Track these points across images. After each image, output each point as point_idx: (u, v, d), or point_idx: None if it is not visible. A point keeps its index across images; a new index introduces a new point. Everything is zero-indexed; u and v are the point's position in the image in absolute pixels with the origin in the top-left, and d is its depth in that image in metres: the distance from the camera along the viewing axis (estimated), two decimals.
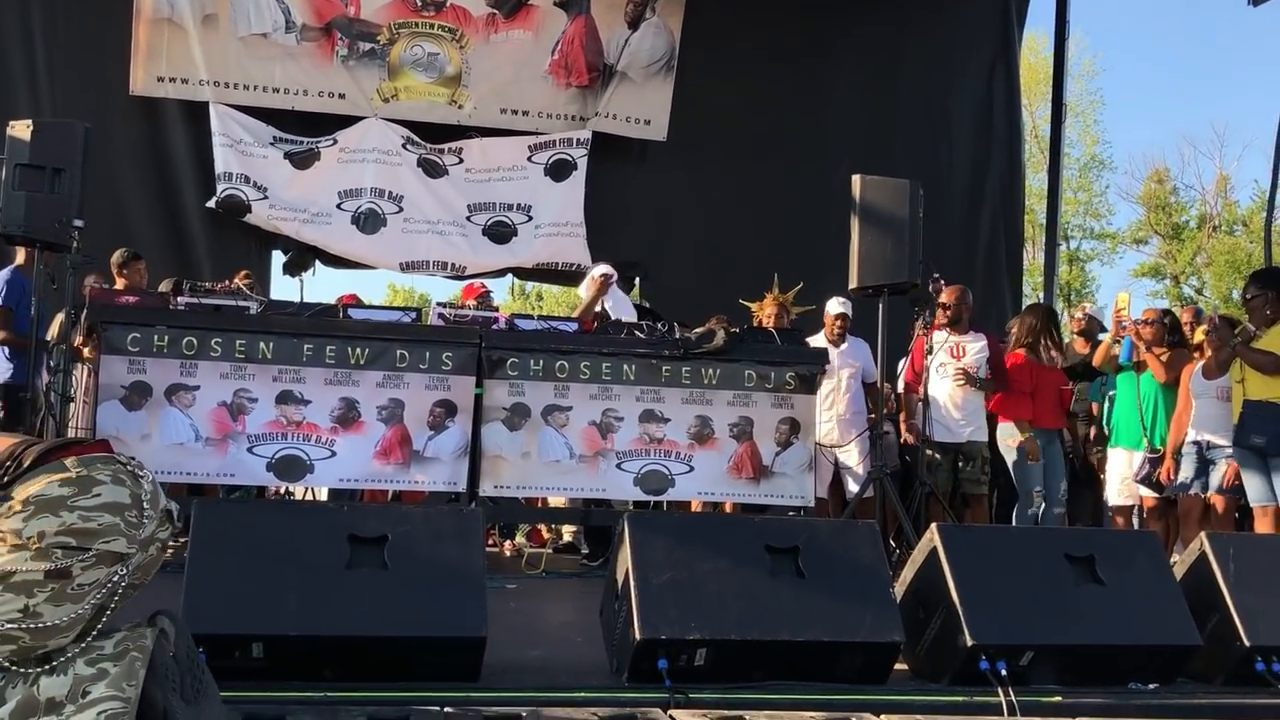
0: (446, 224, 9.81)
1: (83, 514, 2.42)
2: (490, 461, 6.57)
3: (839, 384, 7.67)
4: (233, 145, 9.38)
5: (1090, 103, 29.78)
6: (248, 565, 3.45)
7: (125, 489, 2.49)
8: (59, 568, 2.39)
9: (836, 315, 7.82)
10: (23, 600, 2.37)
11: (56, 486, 2.43)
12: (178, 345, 6.20)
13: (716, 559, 3.77)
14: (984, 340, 7.49)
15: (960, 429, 7.33)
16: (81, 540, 2.40)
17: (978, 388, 7.35)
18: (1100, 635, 3.88)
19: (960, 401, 7.33)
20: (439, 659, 3.47)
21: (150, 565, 2.59)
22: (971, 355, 7.40)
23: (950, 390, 7.33)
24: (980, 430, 7.38)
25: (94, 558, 2.43)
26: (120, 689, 2.38)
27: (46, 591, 2.39)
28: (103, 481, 2.48)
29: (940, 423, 7.31)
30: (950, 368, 7.34)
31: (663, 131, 10.17)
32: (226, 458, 6.27)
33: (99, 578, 2.45)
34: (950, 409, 7.34)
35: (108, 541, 2.45)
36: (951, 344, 7.41)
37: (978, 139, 11.13)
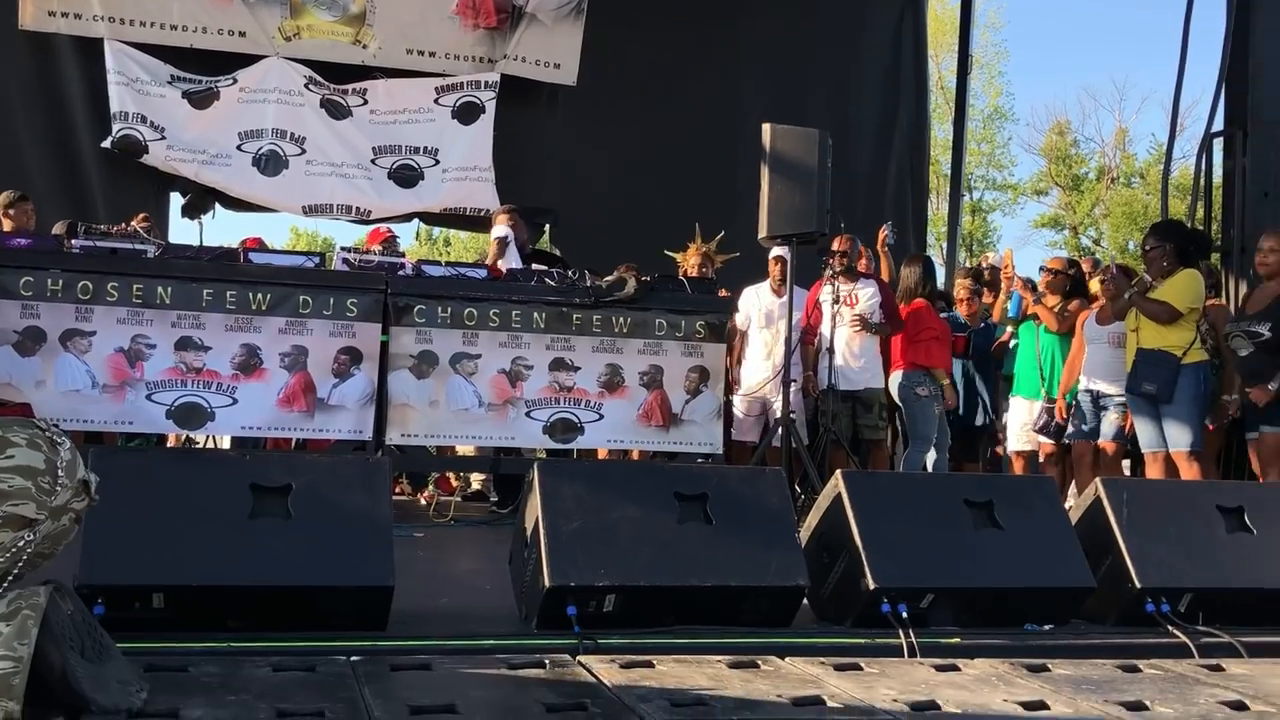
0: (350, 167, 9.61)
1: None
2: (397, 410, 6.50)
3: (778, 334, 7.68)
4: (129, 84, 9.06)
5: (995, 54, 30.14)
6: (148, 515, 3.38)
7: (41, 454, 2.44)
8: None
9: (775, 257, 7.77)
10: None
11: None
12: (73, 289, 6.03)
13: (626, 506, 3.78)
14: (874, 286, 7.59)
15: (858, 376, 7.42)
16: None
17: (874, 332, 7.45)
18: (998, 578, 3.98)
19: (857, 349, 7.42)
20: (345, 608, 3.44)
21: (60, 536, 2.54)
22: (864, 301, 7.49)
23: (847, 338, 7.40)
24: (877, 377, 7.49)
25: (0, 519, 2.37)
26: (11, 648, 2.34)
27: None
28: (17, 444, 2.43)
29: (838, 371, 7.38)
30: (845, 315, 7.41)
31: (573, 76, 10.05)
32: (124, 405, 6.12)
33: (4, 540, 2.40)
34: (848, 357, 7.42)
35: (16, 505, 2.40)
36: (845, 293, 7.48)
37: (885, 90, 11.21)
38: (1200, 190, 8.71)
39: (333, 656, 3.09)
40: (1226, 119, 8.45)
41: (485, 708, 2.66)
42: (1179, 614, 4.00)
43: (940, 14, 23.69)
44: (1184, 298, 6.54)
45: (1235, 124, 8.33)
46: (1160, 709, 2.93)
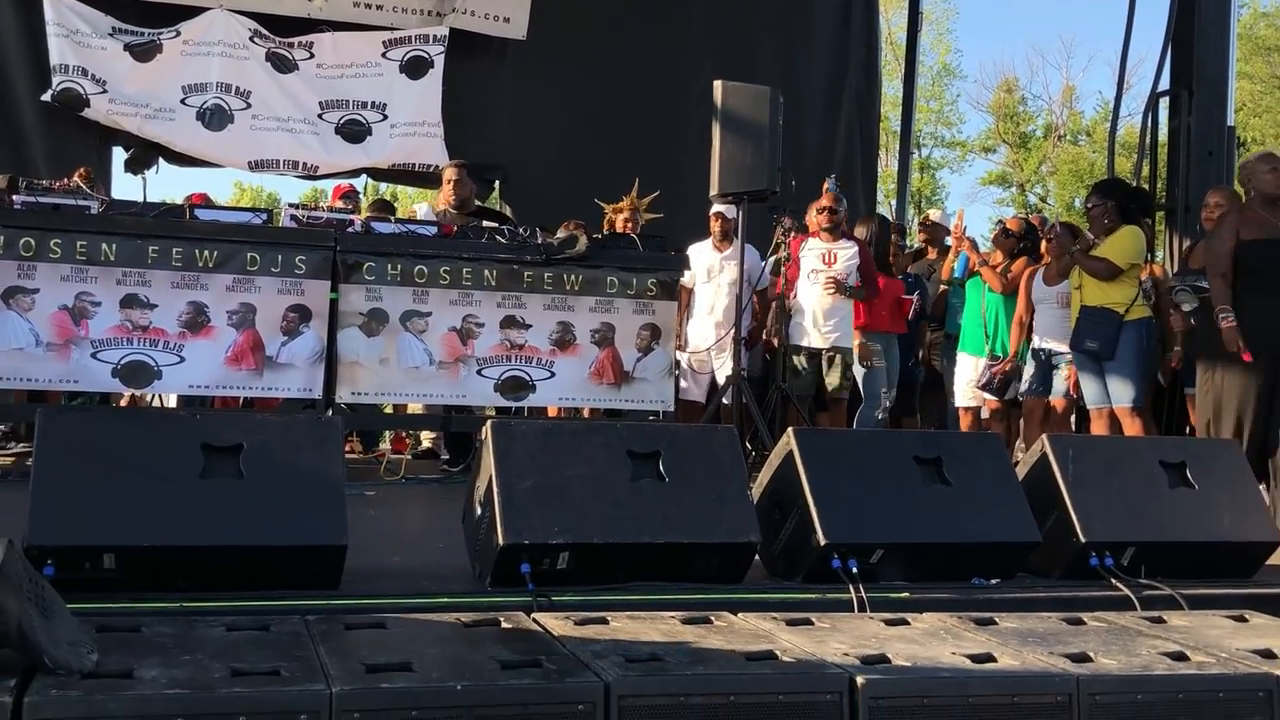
0: (297, 121, 9.47)
1: None
2: (347, 368, 6.47)
3: (718, 289, 7.70)
4: (68, 35, 8.85)
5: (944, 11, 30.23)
6: (97, 475, 3.35)
7: None
8: None
9: (715, 214, 7.79)
10: None
11: None
12: (14, 246, 5.94)
13: (579, 464, 3.79)
14: (855, 247, 7.58)
15: (826, 335, 7.44)
16: None
17: (847, 295, 7.45)
18: (946, 534, 4.03)
19: (829, 308, 7.43)
20: (298, 568, 3.43)
21: None
22: (843, 262, 7.48)
23: (820, 296, 7.42)
24: (845, 336, 7.50)
25: None
26: None
27: None
28: None
29: (806, 327, 7.42)
30: (822, 275, 7.42)
31: (522, 30, 9.93)
32: (69, 363, 6.04)
33: None
34: (818, 314, 7.44)
35: None
36: (824, 250, 7.50)
37: (836, 46, 11.17)
38: (1146, 149, 8.80)
39: (286, 616, 3.08)
40: (1173, 78, 8.53)
41: (441, 665, 2.67)
42: (1122, 567, 4.08)
43: None
44: (1125, 254, 6.63)
45: (1180, 83, 8.41)
46: (1104, 660, 2.99)
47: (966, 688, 2.82)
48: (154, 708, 2.37)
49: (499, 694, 2.56)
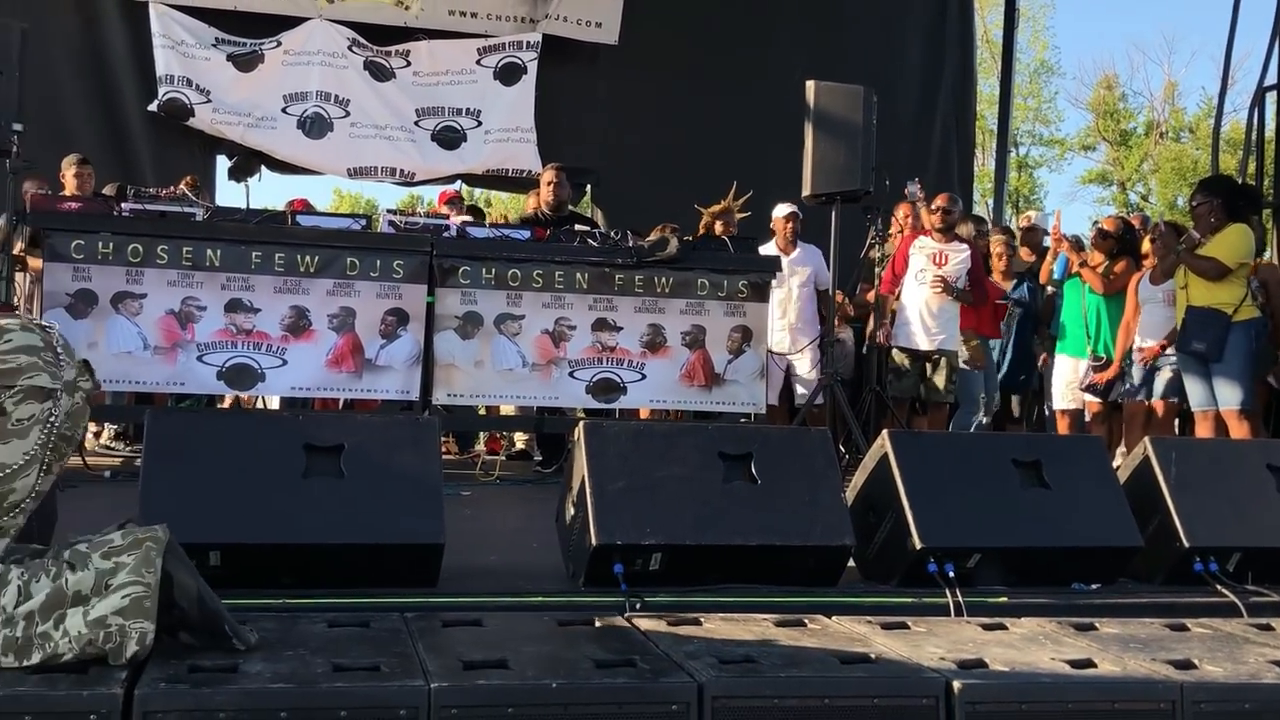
0: (394, 129, 9.65)
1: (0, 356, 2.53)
2: (443, 370, 6.56)
3: (790, 292, 7.71)
4: (174, 47, 9.13)
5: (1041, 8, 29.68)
6: (204, 473, 3.44)
7: (35, 334, 2.63)
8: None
9: (785, 216, 7.80)
10: None
11: None
12: (123, 252, 6.11)
13: (671, 465, 3.80)
14: (967, 250, 7.46)
15: (933, 336, 7.34)
16: (6, 379, 2.54)
17: (955, 298, 7.33)
18: (1045, 538, 3.97)
19: (935, 309, 7.32)
20: (397, 566, 3.50)
21: (79, 416, 2.71)
22: (953, 264, 7.37)
23: (926, 297, 7.33)
24: (951, 339, 7.36)
25: (21, 393, 2.56)
26: (140, 574, 2.53)
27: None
28: (11, 329, 2.63)
29: (912, 329, 7.34)
30: (930, 274, 7.34)
31: (614, 35, 10.01)
32: (176, 366, 6.21)
33: (34, 412, 2.58)
34: (925, 316, 7.33)
35: (31, 377, 2.58)
36: (934, 251, 7.40)
37: (930, 45, 11.06)
38: (1252, 145, 8.56)
39: (386, 613, 3.14)
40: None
41: (536, 662, 2.70)
42: (1227, 573, 3.98)
43: None
44: (1233, 253, 6.45)
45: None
46: (1209, 667, 2.92)
47: (1065, 694, 2.77)
48: (258, 701, 2.43)
49: (594, 692, 2.58)
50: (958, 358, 7.43)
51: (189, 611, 2.62)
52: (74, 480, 5.78)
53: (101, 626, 2.47)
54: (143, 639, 2.48)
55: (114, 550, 2.57)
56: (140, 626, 2.48)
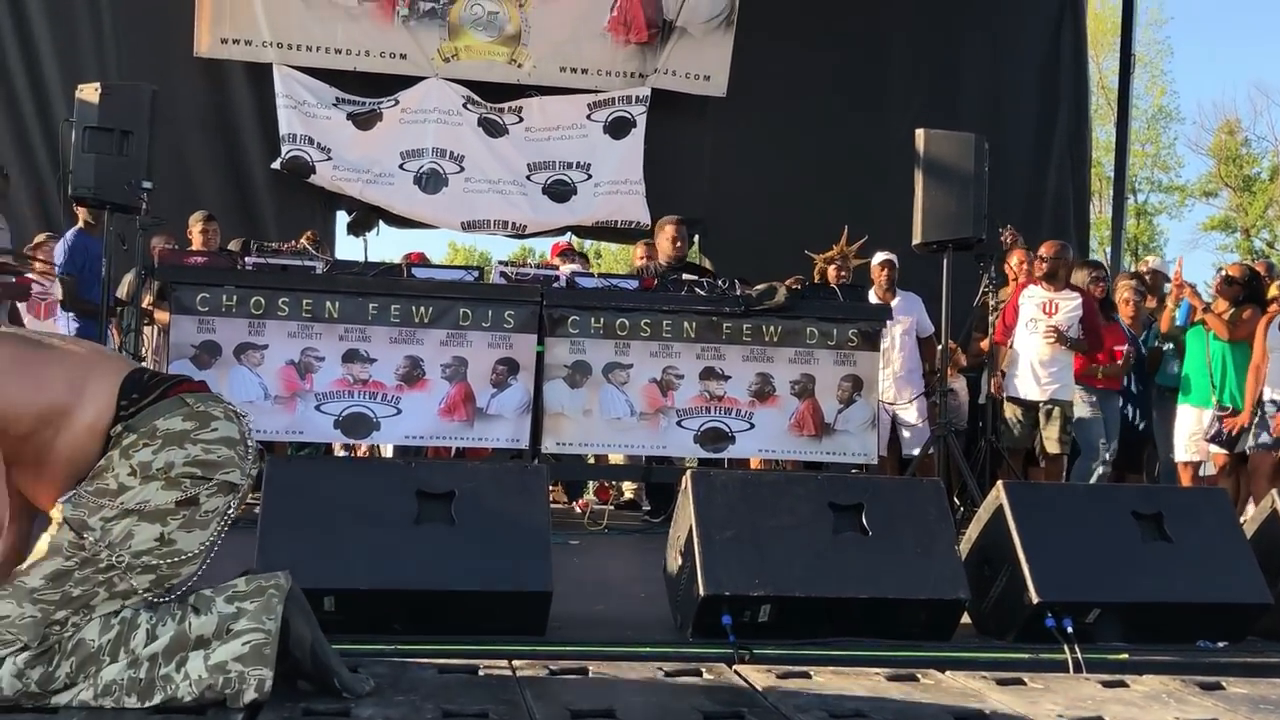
0: (507, 183, 9.83)
1: (204, 446, 2.63)
2: (552, 419, 6.61)
3: (893, 341, 7.63)
4: (296, 107, 9.44)
5: (1157, 52, 29.08)
6: (319, 520, 3.52)
7: (235, 425, 2.69)
8: (188, 496, 2.61)
9: (880, 264, 7.75)
10: (157, 529, 2.59)
11: (179, 421, 2.63)
12: (246, 305, 6.30)
13: (780, 515, 3.77)
14: (1079, 299, 7.32)
15: (1045, 386, 7.21)
16: (206, 471, 2.63)
17: (1068, 347, 7.20)
18: (1168, 593, 3.84)
19: (1048, 358, 7.20)
20: (506, 613, 3.52)
21: (244, 499, 2.76)
22: (1064, 313, 7.24)
23: (1039, 346, 7.22)
24: (1066, 389, 7.21)
25: (215, 487, 2.65)
26: (261, 621, 2.59)
27: (179, 519, 2.62)
28: (218, 417, 2.67)
29: (1025, 379, 7.21)
30: (1041, 324, 7.22)
31: (722, 87, 10.09)
32: (295, 415, 6.37)
33: (219, 505, 2.68)
34: (1037, 366, 7.21)
35: (227, 473, 2.66)
36: (1044, 300, 7.29)
37: (1044, 91, 10.93)
38: None
39: (494, 660, 3.16)
40: None
41: (643, 713, 2.69)
42: None
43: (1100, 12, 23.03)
44: None
45: None
46: None
47: None
48: None
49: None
50: (1072, 408, 7.26)
51: (302, 661, 2.67)
52: None
53: (221, 672, 2.53)
54: (261, 686, 2.54)
55: (237, 595, 2.64)
56: (259, 674, 2.54)
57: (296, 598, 2.68)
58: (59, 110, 8.73)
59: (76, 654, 2.56)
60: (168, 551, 2.60)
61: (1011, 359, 7.26)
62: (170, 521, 2.59)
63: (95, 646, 2.56)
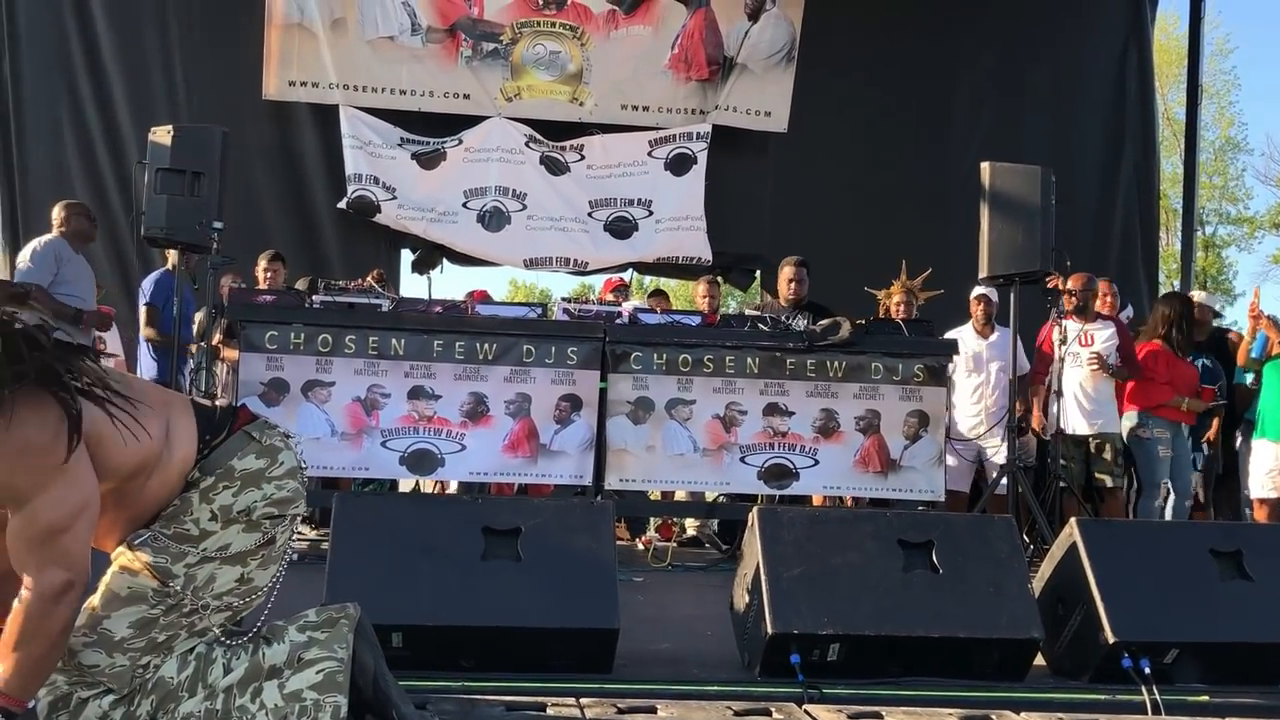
0: (569, 220, 9.88)
1: (277, 484, 2.68)
2: (615, 455, 6.60)
3: (988, 377, 7.54)
4: (362, 147, 9.57)
5: (1224, 83, 28.69)
6: (387, 556, 3.53)
7: (293, 454, 2.74)
8: (268, 536, 2.66)
9: (976, 298, 7.65)
10: (239, 570, 2.64)
11: (253, 460, 2.67)
12: (314, 342, 6.36)
13: (848, 553, 3.73)
14: (1113, 328, 7.32)
15: (1092, 420, 7.17)
16: (281, 509, 2.68)
17: (1110, 374, 7.18)
18: (1249, 633, 3.76)
19: (1092, 391, 7.19)
20: (572, 650, 3.51)
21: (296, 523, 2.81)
22: (1100, 343, 7.23)
23: (1082, 380, 7.17)
24: (1112, 421, 7.21)
25: (288, 521, 2.71)
26: (333, 650, 2.62)
27: (258, 559, 2.67)
28: (281, 449, 2.74)
29: (1073, 413, 7.15)
30: (1083, 356, 7.16)
31: (783, 123, 10.09)
32: (361, 452, 6.41)
33: (287, 537, 2.74)
34: (1082, 399, 7.18)
35: (297, 506, 2.73)
36: (1080, 333, 7.25)
37: (1111, 123, 10.82)
38: None
39: (562, 697, 3.14)
40: None
41: None
42: None
43: (1165, 44, 22.80)
44: None
45: None
46: None
47: None
48: None
49: None
50: (1121, 440, 7.20)
51: (364, 690, 2.67)
52: None
53: (297, 700, 2.54)
54: (336, 713, 2.55)
55: (309, 625, 2.67)
56: (334, 700, 2.55)
57: (364, 628, 2.70)
58: (132, 153, 8.92)
59: (156, 692, 2.59)
60: (245, 590, 2.65)
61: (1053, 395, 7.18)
62: (250, 562, 2.64)
63: (174, 683, 2.59)
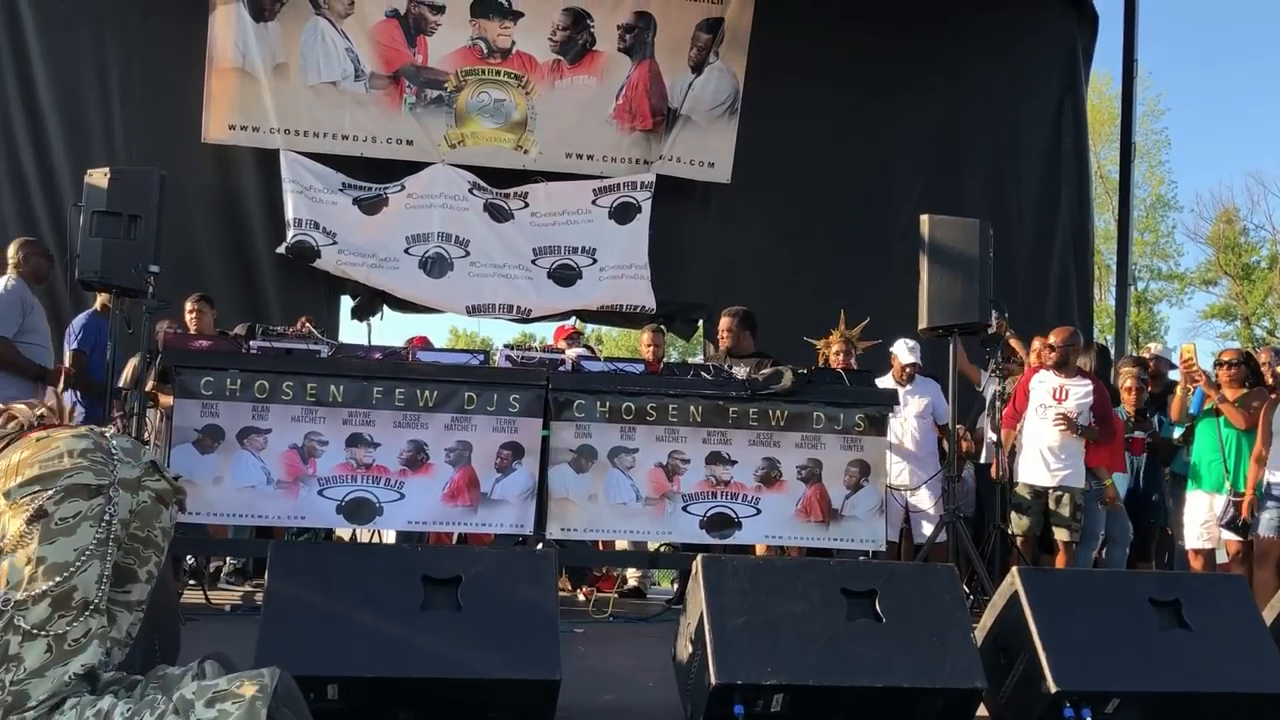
0: (512, 267, 9.85)
1: (42, 463, 2.60)
2: (557, 504, 6.54)
3: (905, 423, 7.61)
4: (303, 192, 9.50)
5: (1155, 143, 29.46)
6: (323, 606, 3.45)
7: (85, 439, 2.69)
8: (34, 511, 2.56)
9: (906, 365, 7.76)
10: (24, 554, 2.54)
11: (18, 454, 2.63)
12: (250, 389, 6.25)
13: (792, 602, 3.71)
14: (1089, 385, 7.32)
15: (1054, 472, 7.16)
16: (45, 482, 2.58)
17: (1078, 435, 7.16)
18: (1189, 682, 3.77)
19: (1058, 445, 7.16)
20: (513, 701, 3.44)
21: (151, 515, 2.73)
22: (1074, 400, 7.22)
23: (1049, 433, 7.16)
24: (1077, 475, 7.16)
25: (62, 491, 2.58)
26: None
27: (34, 537, 2.56)
28: (60, 438, 2.66)
29: (1033, 464, 7.16)
30: (1051, 410, 7.18)
31: (726, 173, 10.18)
32: (297, 500, 6.29)
33: (80, 509, 2.59)
34: (1046, 452, 7.17)
35: (71, 475, 2.60)
36: (1055, 386, 7.26)
37: (1046, 179, 11.02)
38: None
39: None
40: None
41: None
42: None
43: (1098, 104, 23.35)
44: None
45: None
46: None
47: None
48: None
49: None
50: (1081, 494, 7.20)
51: None
52: (196, 614, 5.87)
53: None
54: None
55: (218, 696, 2.52)
56: None
57: (290, 697, 2.56)
58: (67, 194, 8.80)
59: None
60: (45, 570, 2.53)
61: (1021, 445, 7.21)
62: (28, 542, 2.53)
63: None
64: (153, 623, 2.96)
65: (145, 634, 2.84)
